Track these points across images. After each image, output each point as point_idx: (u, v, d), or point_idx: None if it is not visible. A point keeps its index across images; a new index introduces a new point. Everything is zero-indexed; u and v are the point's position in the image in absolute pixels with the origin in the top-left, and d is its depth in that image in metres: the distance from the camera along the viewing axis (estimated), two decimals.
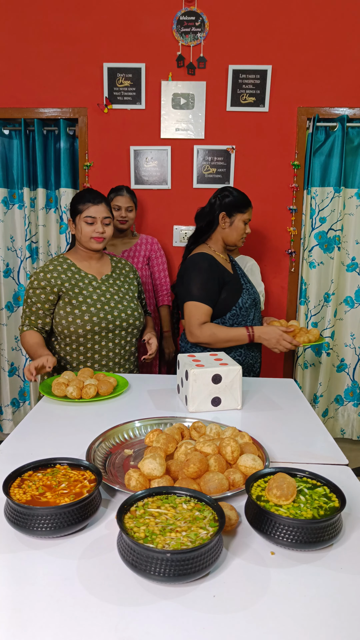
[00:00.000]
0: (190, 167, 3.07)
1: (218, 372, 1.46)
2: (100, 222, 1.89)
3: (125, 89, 3.00)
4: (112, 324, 1.88)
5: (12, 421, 3.37)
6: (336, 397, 3.35)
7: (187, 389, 1.46)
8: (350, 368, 3.29)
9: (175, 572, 0.72)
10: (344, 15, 2.90)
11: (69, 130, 3.12)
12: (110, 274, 1.99)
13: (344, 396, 3.34)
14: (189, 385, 1.45)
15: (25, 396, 3.43)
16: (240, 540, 0.87)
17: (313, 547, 0.82)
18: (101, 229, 1.89)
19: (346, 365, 3.29)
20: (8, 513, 0.87)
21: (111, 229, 1.94)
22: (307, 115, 3.00)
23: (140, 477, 0.98)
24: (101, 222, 1.89)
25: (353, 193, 3.08)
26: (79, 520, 0.86)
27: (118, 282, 1.99)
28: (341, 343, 3.27)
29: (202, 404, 1.46)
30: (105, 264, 2.02)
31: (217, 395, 1.47)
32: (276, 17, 2.90)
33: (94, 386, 1.53)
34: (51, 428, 1.34)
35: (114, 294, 1.93)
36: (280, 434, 1.32)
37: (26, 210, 3.12)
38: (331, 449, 1.23)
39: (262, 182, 3.07)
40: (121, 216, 2.60)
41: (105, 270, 2.00)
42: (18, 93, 3.03)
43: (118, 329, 1.89)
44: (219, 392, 1.47)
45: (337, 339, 3.26)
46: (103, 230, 1.89)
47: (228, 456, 1.06)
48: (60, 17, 2.94)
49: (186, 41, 2.94)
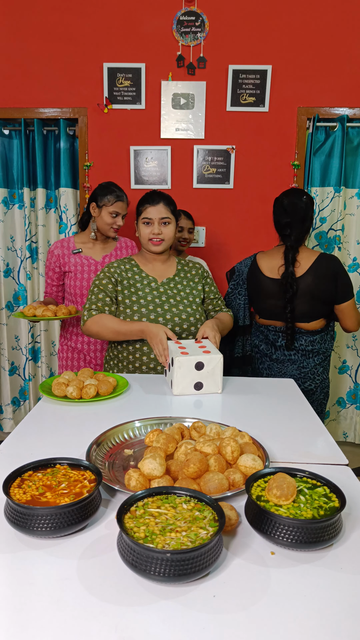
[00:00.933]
0: (190, 167, 3.07)
1: (201, 359, 1.59)
2: (158, 223, 1.85)
3: (125, 89, 3.00)
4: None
5: (13, 420, 3.38)
6: (338, 399, 3.33)
7: (173, 374, 1.59)
8: (352, 370, 3.28)
9: (175, 572, 0.72)
10: (344, 15, 2.90)
11: (69, 130, 3.12)
12: (173, 276, 1.94)
13: (346, 398, 3.32)
14: (174, 371, 1.58)
15: (26, 395, 3.44)
16: (240, 540, 0.87)
17: (313, 547, 0.82)
18: (158, 230, 1.85)
19: (348, 367, 3.28)
20: (8, 513, 0.87)
21: (170, 230, 1.88)
22: (307, 115, 3.00)
23: (140, 477, 0.98)
24: (158, 222, 1.85)
25: (354, 193, 3.09)
26: (79, 520, 0.86)
27: (180, 285, 1.94)
28: (343, 344, 3.27)
29: (185, 388, 1.60)
30: (170, 266, 1.98)
31: (200, 380, 1.60)
32: (276, 17, 2.91)
33: (94, 386, 1.53)
34: (51, 428, 1.34)
35: (171, 297, 1.88)
36: (280, 434, 1.32)
37: (26, 210, 3.12)
38: (331, 449, 1.23)
39: (262, 182, 3.07)
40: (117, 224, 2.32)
41: (168, 273, 1.95)
42: (18, 93, 3.03)
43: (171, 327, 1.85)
44: (201, 378, 1.60)
45: (339, 340, 3.25)
46: (160, 231, 1.85)
47: (228, 456, 1.06)
48: (60, 17, 2.94)
49: (186, 41, 2.94)
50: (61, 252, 2.37)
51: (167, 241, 1.88)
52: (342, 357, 3.29)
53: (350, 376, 3.28)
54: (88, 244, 2.39)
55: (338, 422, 3.35)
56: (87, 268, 2.35)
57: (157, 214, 1.84)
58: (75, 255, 2.35)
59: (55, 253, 2.37)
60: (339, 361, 3.29)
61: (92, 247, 2.39)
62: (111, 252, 2.40)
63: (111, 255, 2.39)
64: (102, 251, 2.40)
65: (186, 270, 1.99)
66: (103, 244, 2.41)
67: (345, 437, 3.34)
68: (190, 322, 1.88)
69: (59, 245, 2.39)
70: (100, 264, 2.35)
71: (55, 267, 2.38)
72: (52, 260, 2.38)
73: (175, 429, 1.21)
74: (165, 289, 1.90)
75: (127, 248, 2.46)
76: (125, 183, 3.08)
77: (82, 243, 2.39)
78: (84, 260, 2.35)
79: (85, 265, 2.35)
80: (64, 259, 2.36)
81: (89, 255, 2.36)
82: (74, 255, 2.35)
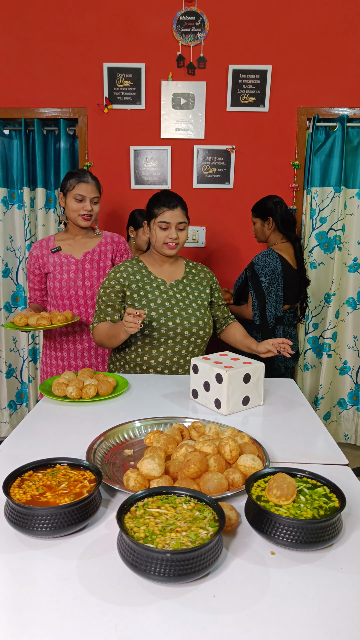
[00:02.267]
0: (190, 167, 3.07)
1: (247, 370, 1.46)
2: (175, 228, 1.82)
3: (125, 89, 3.00)
4: (172, 330, 1.82)
5: (9, 424, 3.33)
6: (339, 400, 3.30)
7: (222, 391, 1.43)
8: (353, 371, 3.25)
9: (175, 572, 0.72)
10: (344, 15, 2.90)
11: (69, 130, 3.12)
12: (181, 279, 1.92)
13: (347, 399, 3.29)
14: (224, 388, 1.42)
15: (23, 398, 3.42)
16: (240, 540, 0.87)
17: (313, 547, 0.82)
18: (175, 235, 1.83)
19: (349, 367, 3.26)
20: (8, 513, 0.87)
21: (185, 234, 1.87)
22: (307, 115, 3.00)
23: (139, 477, 0.98)
24: (176, 227, 1.83)
25: (354, 193, 3.08)
26: (79, 520, 0.86)
27: (188, 288, 1.92)
28: (344, 345, 3.24)
29: (235, 405, 1.45)
30: (178, 268, 1.96)
31: (247, 394, 1.48)
32: (276, 17, 2.91)
33: (94, 386, 1.53)
34: (51, 428, 1.34)
35: (180, 300, 1.87)
36: (280, 434, 1.32)
37: (26, 210, 3.12)
38: (331, 449, 1.23)
39: (262, 182, 3.07)
40: (85, 209, 2.09)
41: (177, 275, 1.93)
42: (18, 93, 3.03)
43: (179, 337, 1.83)
44: (248, 391, 1.48)
45: (340, 340, 3.23)
46: (177, 235, 1.83)
47: (227, 455, 1.06)
48: (60, 17, 2.94)
49: (186, 41, 2.94)
50: (40, 252, 2.19)
51: (182, 244, 1.88)
52: (343, 358, 3.26)
53: (351, 377, 3.27)
54: (68, 240, 2.20)
55: (339, 424, 3.32)
56: (66, 267, 2.16)
57: (175, 219, 1.81)
58: (54, 254, 2.17)
59: (34, 254, 2.20)
60: (340, 362, 3.27)
61: (72, 244, 2.19)
62: (94, 249, 2.19)
63: (93, 251, 2.18)
64: (83, 248, 2.19)
65: (194, 272, 1.97)
66: (84, 239, 2.20)
67: (346, 439, 3.31)
68: (199, 326, 1.85)
69: (37, 245, 2.22)
70: (80, 262, 2.16)
71: (35, 269, 2.20)
72: (32, 262, 2.21)
73: (175, 430, 1.21)
74: (175, 292, 1.88)
75: (112, 244, 2.23)
76: (125, 183, 3.08)
77: (61, 240, 2.21)
78: (63, 259, 2.17)
79: (65, 264, 2.16)
80: (42, 260, 2.18)
81: (69, 254, 2.17)
82: (52, 255, 2.17)
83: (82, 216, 2.10)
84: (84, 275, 2.16)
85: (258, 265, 2.43)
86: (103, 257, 2.20)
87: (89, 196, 2.08)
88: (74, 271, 2.16)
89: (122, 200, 3.11)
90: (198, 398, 1.53)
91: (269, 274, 2.42)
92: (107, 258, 2.21)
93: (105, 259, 2.21)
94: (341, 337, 3.23)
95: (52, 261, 2.17)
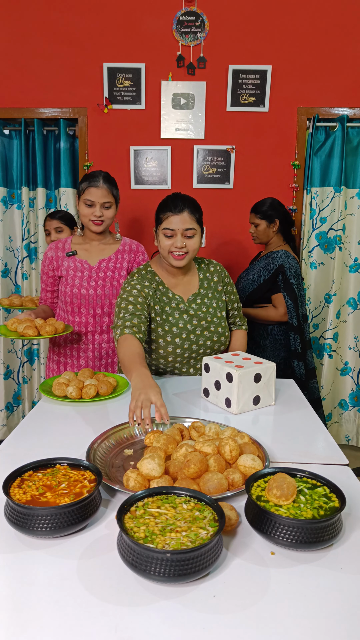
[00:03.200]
0: (190, 167, 3.07)
1: (258, 370, 1.46)
2: (181, 235, 1.63)
3: (125, 89, 3.00)
4: (195, 352, 1.75)
5: (6, 426, 3.32)
6: (340, 401, 3.28)
7: (232, 390, 1.44)
8: (354, 372, 3.24)
9: (175, 572, 0.72)
10: (344, 15, 2.90)
11: (69, 130, 3.12)
12: (198, 291, 1.78)
13: (349, 401, 3.26)
14: (234, 387, 1.43)
15: (20, 400, 3.40)
16: (240, 540, 0.87)
17: (313, 547, 0.82)
18: (181, 243, 1.63)
19: (350, 368, 3.23)
20: (8, 513, 0.87)
21: (195, 241, 1.66)
22: (307, 115, 3.00)
23: (139, 477, 0.98)
24: (182, 234, 1.63)
25: (354, 193, 3.08)
26: (79, 520, 0.86)
27: (206, 299, 1.78)
28: (345, 345, 3.22)
29: (245, 404, 1.46)
30: (193, 277, 1.80)
31: (257, 394, 1.48)
32: (276, 17, 2.91)
33: (94, 386, 1.53)
34: (51, 428, 1.34)
35: (201, 319, 1.74)
36: (280, 434, 1.32)
37: (25, 209, 3.12)
38: (331, 449, 1.23)
39: (262, 182, 3.07)
40: (95, 215, 1.98)
41: (193, 288, 1.78)
42: (18, 93, 3.03)
43: (200, 355, 1.77)
44: (259, 391, 1.48)
45: (341, 341, 3.21)
46: (183, 244, 1.63)
47: (227, 455, 1.06)
48: (60, 17, 2.94)
49: (186, 41, 2.94)
50: (55, 254, 2.09)
51: (191, 254, 1.66)
52: (344, 359, 3.24)
53: (353, 378, 3.25)
54: (85, 244, 2.10)
55: (340, 425, 3.29)
56: (79, 274, 2.04)
57: (180, 225, 1.62)
58: (69, 258, 2.07)
59: (49, 255, 2.11)
60: (341, 363, 3.25)
61: (89, 249, 2.09)
62: (110, 257, 2.07)
63: (110, 259, 2.06)
64: (100, 254, 2.08)
65: (208, 277, 1.82)
66: (101, 245, 2.09)
67: (347, 440, 3.28)
68: (221, 342, 1.79)
69: (53, 246, 2.13)
70: (95, 269, 2.04)
71: (49, 270, 2.11)
72: (46, 263, 2.12)
73: (175, 430, 1.21)
74: (194, 309, 1.75)
75: (130, 252, 2.11)
76: (125, 183, 3.08)
77: (78, 244, 2.11)
78: (78, 265, 2.05)
79: (79, 270, 2.05)
80: (57, 262, 2.08)
81: (84, 259, 2.06)
82: (67, 259, 2.07)
83: (92, 221, 1.99)
84: (97, 284, 2.04)
85: (286, 267, 2.45)
86: (119, 267, 2.07)
87: (99, 201, 1.96)
88: (87, 278, 2.04)
89: (122, 201, 3.11)
90: (209, 397, 1.55)
91: (295, 275, 2.46)
92: (122, 268, 2.08)
93: (120, 268, 2.08)
94: (342, 338, 3.22)
95: (66, 265, 2.06)
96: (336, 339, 3.17)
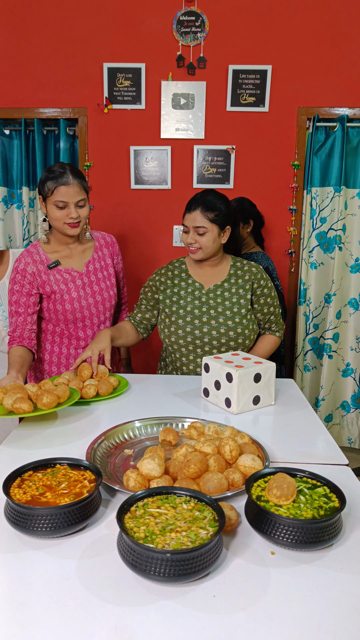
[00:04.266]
0: (190, 167, 3.07)
1: (258, 370, 1.46)
2: (192, 232, 1.74)
3: (125, 89, 3.00)
4: (199, 339, 1.76)
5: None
6: (342, 403, 3.23)
7: (232, 390, 1.44)
8: (356, 373, 3.20)
9: (175, 572, 0.72)
10: (344, 15, 2.90)
11: (69, 130, 3.12)
12: (221, 283, 1.81)
13: (351, 402, 3.21)
14: (234, 387, 1.43)
15: None
16: (240, 540, 0.87)
17: (313, 547, 0.82)
18: (191, 239, 1.75)
19: (352, 370, 3.20)
20: (8, 513, 0.87)
21: (207, 238, 1.73)
22: (307, 115, 3.00)
23: (139, 477, 0.98)
24: (193, 231, 1.74)
25: (355, 193, 3.07)
26: (79, 520, 0.86)
27: (227, 293, 1.80)
28: (346, 346, 3.18)
29: (245, 404, 1.46)
30: (222, 270, 1.84)
31: (258, 393, 1.48)
32: (276, 17, 2.90)
33: (94, 386, 1.53)
34: (51, 428, 1.34)
35: (213, 307, 1.78)
36: (280, 434, 1.32)
37: (25, 209, 3.12)
38: (331, 449, 1.23)
39: (262, 182, 3.07)
40: (70, 217, 1.73)
41: (217, 279, 1.82)
42: (18, 93, 3.03)
43: (208, 346, 1.77)
44: (259, 391, 1.48)
45: (342, 342, 3.17)
46: (194, 240, 1.74)
47: (227, 455, 1.06)
48: (60, 17, 2.94)
49: (186, 41, 2.94)
50: (35, 268, 1.77)
51: (205, 249, 1.75)
52: (346, 360, 3.19)
53: (355, 379, 3.21)
54: (62, 250, 1.84)
55: (342, 427, 3.24)
56: (72, 285, 1.82)
57: (191, 222, 1.74)
58: (51, 270, 1.81)
59: (29, 271, 1.77)
60: (342, 364, 3.20)
61: (70, 254, 1.85)
62: (92, 256, 1.89)
63: (93, 260, 1.88)
64: (82, 257, 1.87)
65: (239, 274, 1.82)
66: (80, 247, 1.88)
67: (350, 443, 3.22)
68: (230, 337, 1.76)
69: (28, 260, 1.78)
70: (85, 274, 1.85)
71: (31, 289, 1.77)
72: (27, 282, 1.77)
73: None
74: (210, 297, 1.80)
75: (107, 246, 1.95)
76: (125, 183, 3.08)
77: (54, 252, 1.83)
78: (66, 275, 1.81)
79: (70, 281, 1.81)
80: (41, 278, 1.78)
81: (69, 267, 1.83)
82: (51, 271, 1.81)
83: (68, 224, 1.74)
84: (93, 290, 1.87)
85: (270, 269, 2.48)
86: (104, 264, 1.93)
87: (72, 201, 1.71)
88: (81, 287, 1.84)
89: (122, 201, 3.11)
90: (209, 397, 1.55)
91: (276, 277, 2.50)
92: (108, 265, 1.94)
93: (106, 265, 1.93)
94: (343, 339, 3.18)
95: (53, 279, 1.80)
96: (336, 339, 3.16)
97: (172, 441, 1.23)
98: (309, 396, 3.23)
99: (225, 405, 1.48)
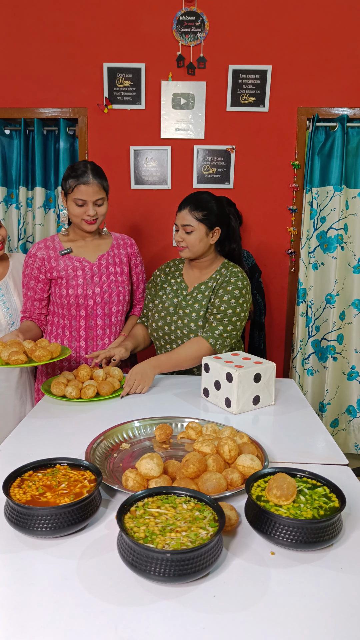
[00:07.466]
0: (190, 167, 3.07)
1: (258, 370, 1.46)
2: (181, 229, 1.78)
3: (125, 89, 3.00)
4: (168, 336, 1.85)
5: None
6: (348, 407, 3.16)
7: (232, 390, 1.44)
8: None
9: (175, 572, 0.72)
10: (344, 15, 2.90)
11: (69, 130, 3.12)
12: (198, 285, 1.84)
13: (357, 407, 3.14)
14: (234, 387, 1.43)
15: None
16: (240, 540, 0.87)
17: (313, 547, 0.82)
18: (179, 237, 1.79)
19: (357, 373, 3.13)
20: (8, 513, 0.87)
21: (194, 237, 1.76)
22: (307, 115, 3.00)
23: (138, 477, 0.98)
24: (182, 229, 1.78)
25: (356, 193, 3.06)
26: (79, 520, 0.86)
27: (200, 295, 1.82)
28: (351, 349, 3.11)
29: (245, 404, 1.46)
30: (207, 273, 1.86)
31: (257, 393, 1.48)
32: (276, 17, 2.90)
33: (93, 386, 1.53)
34: (51, 428, 1.34)
35: (185, 307, 1.82)
36: (280, 434, 1.32)
37: (22, 209, 3.12)
38: (331, 449, 1.23)
39: (262, 182, 3.07)
40: (87, 214, 1.83)
41: (201, 280, 1.86)
42: (18, 93, 3.03)
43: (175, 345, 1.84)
44: (259, 391, 1.48)
45: (347, 344, 3.11)
46: (181, 238, 1.78)
47: (225, 455, 1.06)
48: (60, 17, 2.94)
49: (186, 41, 2.94)
50: (46, 254, 1.89)
51: (192, 247, 1.77)
52: (351, 363, 3.13)
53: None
54: (78, 241, 1.94)
55: (348, 433, 3.16)
56: (81, 272, 1.89)
57: (180, 220, 1.79)
58: (64, 257, 1.90)
59: (38, 256, 1.89)
60: (347, 367, 3.14)
61: (84, 246, 1.94)
62: (107, 252, 1.97)
63: (107, 255, 1.96)
64: (97, 250, 1.95)
65: (218, 278, 1.83)
66: (97, 241, 1.97)
67: (357, 450, 3.14)
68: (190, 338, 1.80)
69: (41, 246, 1.92)
70: (96, 266, 1.93)
71: (39, 274, 1.90)
72: (35, 266, 1.89)
73: None
74: (187, 298, 1.84)
75: (125, 246, 2.03)
76: (125, 183, 3.08)
77: (70, 242, 1.94)
78: (77, 263, 1.90)
79: (79, 268, 1.89)
80: (50, 263, 1.89)
81: (82, 257, 1.92)
82: (62, 258, 1.90)
83: (85, 221, 1.85)
84: (101, 281, 1.92)
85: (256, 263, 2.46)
86: (118, 262, 1.98)
87: (91, 199, 1.81)
88: (90, 276, 1.91)
89: (122, 201, 3.11)
90: (209, 397, 1.55)
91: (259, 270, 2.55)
92: (122, 263, 2.00)
93: (121, 263, 1.99)
94: (347, 341, 3.11)
95: (62, 265, 1.89)
96: (340, 341, 3.10)
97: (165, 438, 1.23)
98: (312, 401, 3.15)
99: (225, 405, 1.48)
